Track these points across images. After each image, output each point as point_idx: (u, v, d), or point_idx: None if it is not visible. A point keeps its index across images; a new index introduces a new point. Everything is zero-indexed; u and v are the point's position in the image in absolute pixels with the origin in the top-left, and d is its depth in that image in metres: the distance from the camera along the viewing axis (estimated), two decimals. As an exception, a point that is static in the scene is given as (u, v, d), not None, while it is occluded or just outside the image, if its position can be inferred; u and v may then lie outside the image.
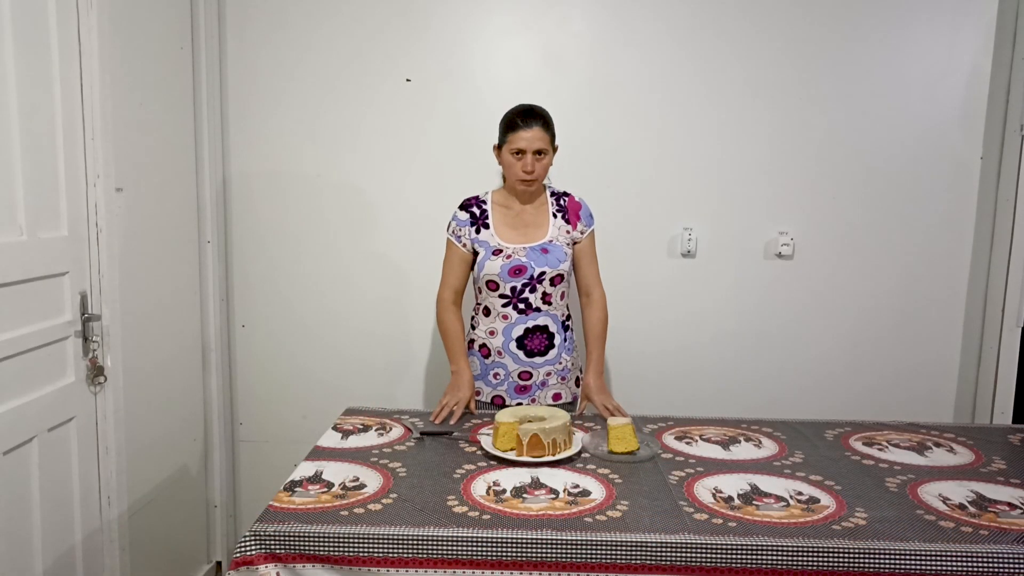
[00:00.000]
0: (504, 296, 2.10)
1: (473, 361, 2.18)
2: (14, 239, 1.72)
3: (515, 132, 2.02)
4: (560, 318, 2.15)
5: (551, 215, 2.14)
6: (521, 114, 2.04)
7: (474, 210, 2.14)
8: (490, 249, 2.09)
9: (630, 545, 1.35)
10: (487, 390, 2.17)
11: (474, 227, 2.12)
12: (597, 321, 2.18)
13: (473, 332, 2.19)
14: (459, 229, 2.13)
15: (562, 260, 2.10)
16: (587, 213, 2.18)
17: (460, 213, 2.14)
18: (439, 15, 2.60)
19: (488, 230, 2.11)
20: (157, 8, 2.28)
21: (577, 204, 2.17)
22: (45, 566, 1.84)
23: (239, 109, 2.66)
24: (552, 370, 2.16)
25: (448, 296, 2.15)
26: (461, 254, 2.13)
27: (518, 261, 2.08)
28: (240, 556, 1.38)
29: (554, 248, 2.10)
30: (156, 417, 2.31)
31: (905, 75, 2.58)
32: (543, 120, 2.04)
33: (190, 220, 2.53)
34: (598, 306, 2.18)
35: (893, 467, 1.74)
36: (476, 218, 2.12)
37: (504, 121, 2.08)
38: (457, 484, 1.59)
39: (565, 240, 2.13)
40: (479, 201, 2.15)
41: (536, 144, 2.02)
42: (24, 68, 1.72)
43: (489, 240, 2.10)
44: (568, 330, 2.19)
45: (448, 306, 2.15)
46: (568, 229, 2.14)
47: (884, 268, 2.68)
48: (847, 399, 2.73)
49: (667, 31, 2.58)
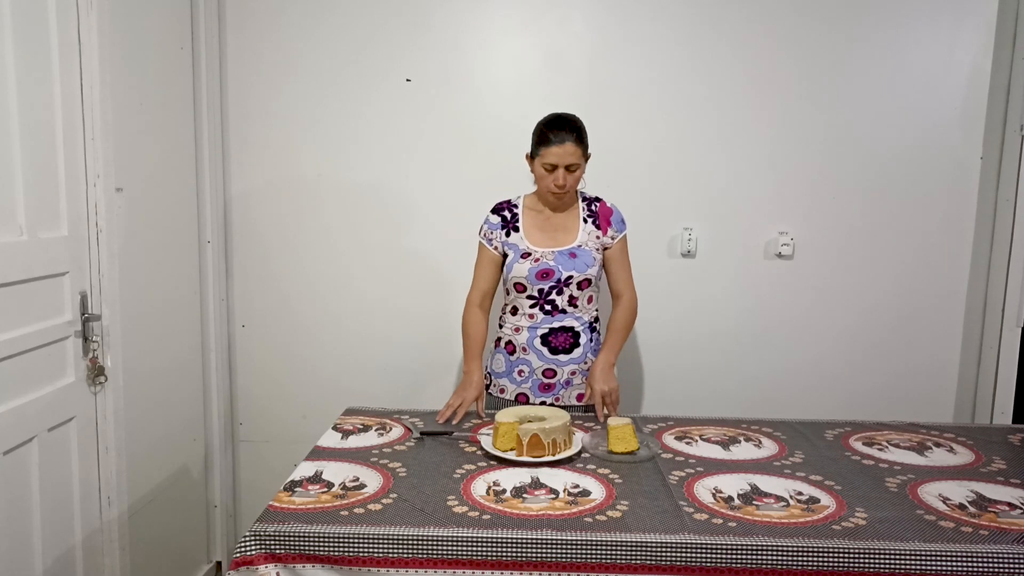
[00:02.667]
0: (532, 298, 2.12)
1: (499, 358, 2.20)
2: (14, 239, 1.72)
3: (547, 147, 2.01)
4: (587, 320, 2.16)
5: (582, 220, 2.14)
6: (554, 127, 2.02)
7: (505, 214, 2.15)
8: (519, 252, 2.10)
9: (630, 545, 1.35)
10: (511, 387, 2.18)
11: (504, 230, 2.14)
12: (620, 318, 2.17)
13: (500, 330, 2.21)
14: (490, 232, 2.15)
15: (590, 265, 2.10)
16: (619, 219, 2.17)
17: (492, 216, 2.16)
18: (439, 15, 2.60)
19: (518, 233, 2.13)
20: (157, 8, 2.28)
21: (608, 210, 2.17)
22: (45, 566, 1.84)
23: (239, 109, 2.66)
24: (577, 369, 2.16)
25: (476, 298, 2.17)
26: (491, 256, 2.15)
27: (546, 265, 2.08)
28: (240, 556, 1.38)
29: (582, 253, 2.11)
30: (156, 417, 2.31)
31: (905, 75, 2.58)
32: (575, 135, 2.02)
33: (190, 220, 2.53)
34: (626, 306, 2.17)
35: (893, 467, 1.74)
36: (507, 221, 2.14)
37: (536, 132, 2.06)
38: (457, 484, 1.59)
39: (595, 245, 2.13)
40: (511, 205, 2.17)
41: (567, 159, 2.01)
42: (24, 68, 1.72)
43: (518, 243, 2.12)
44: (595, 331, 2.19)
45: (473, 308, 2.16)
46: (599, 235, 2.14)
47: (884, 268, 2.68)
48: (847, 399, 2.73)
49: (667, 31, 2.58)
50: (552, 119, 2.05)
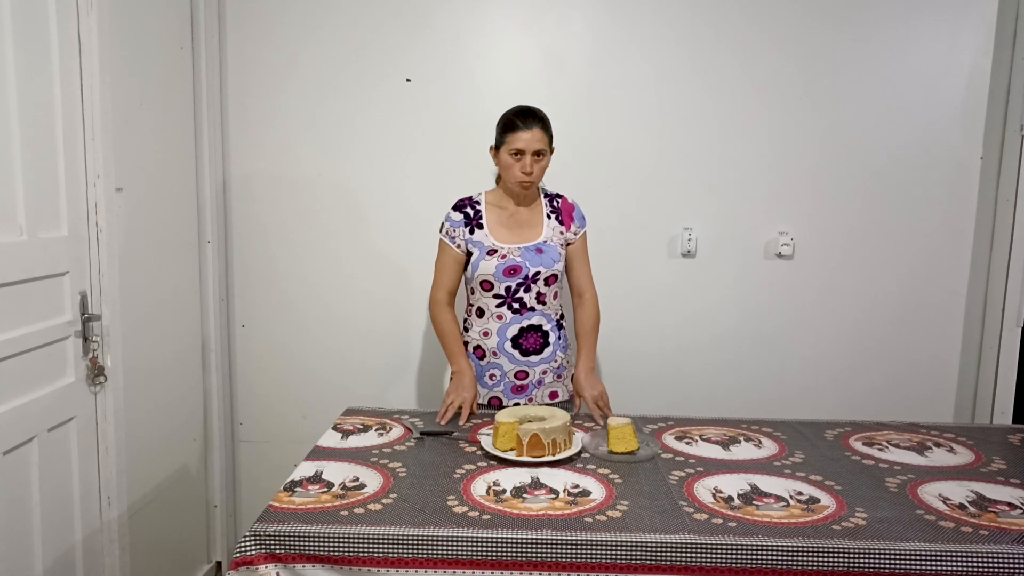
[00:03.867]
0: (499, 296, 2.11)
1: None
2: (14, 239, 1.72)
3: (514, 133, 2.02)
4: (554, 317, 2.16)
5: (545, 216, 2.14)
6: (520, 115, 2.04)
7: (468, 211, 2.13)
8: (484, 249, 2.09)
9: (630, 545, 1.35)
10: (483, 392, 2.17)
11: (468, 228, 2.12)
12: (588, 319, 2.18)
13: (467, 335, 2.19)
14: (452, 230, 2.12)
15: (556, 260, 2.10)
16: (580, 215, 2.18)
17: (453, 214, 2.14)
18: (439, 15, 2.60)
19: (482, 230, 2.11)
20: (157, 8, 2.28)
21: (570, 206, 2.18)
22: (45, 566, 1.84)
23: (239, 109, 2.66)
24: (548, 368, 2.16)
25: (442, 297, 2.14)
26: (454, 255, 2.13)
27: (513, 261, 2.08)
28: (240, 556, 1.38)
29: (548, 248, 2.10)
30: (156, 417, 2.31)
31: (905, 75, 2.58)
32: (542, 121, 2.04)
33: (190, 220, 2.53)
34: (590, 305, 2.19)
35: (893, 467, 1.74)
36: (470, 218, 2.12)
37: (502, 122, 2.08)
38: (457, 484, 1.59)
39: (559, 241, 2.13)
40: (472, 202, 2.15)
41: (535, 145, 2.02)
42: (24, 68, 1.72)
43: (483, 240, 2.10)
44: (562, 328, 2.19)
45: (442, 306, 2.14)
46: (562, 230, 2.14)
47: (884, 268, 2.68)
48: (847, 399, 2.73)
49: (667, 31, 2.58)
50: (518, 109, 2.07)
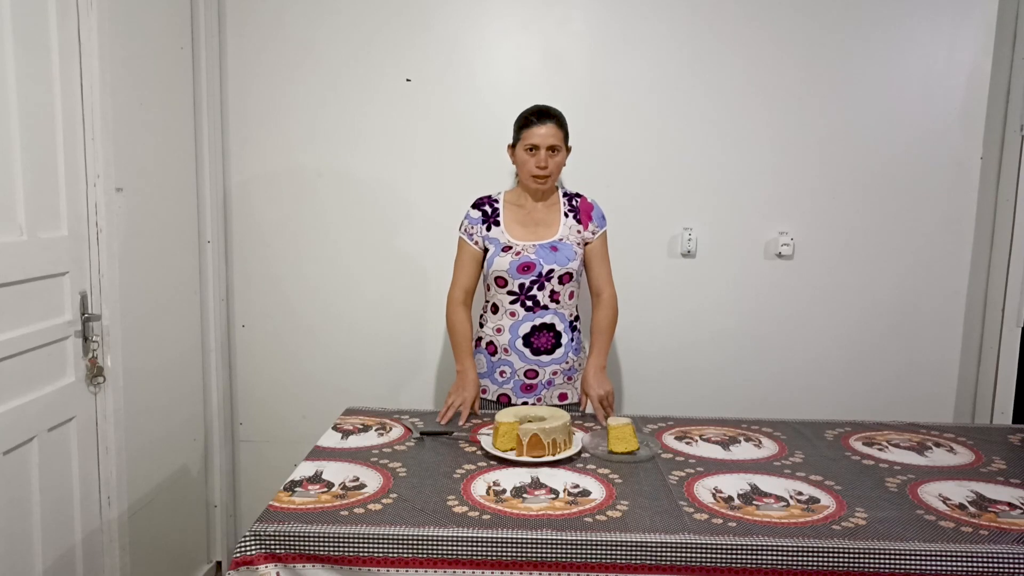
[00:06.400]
0: (512, 293, 2.11)
1: (480, 359, 2.18)
2: (14, 239, 1.72)
3: (529, 128, 2.07)
4: (568, 318, 2.15)
5: (563, 214, 2.15)
6: (535, 112, 2.09)
7: (486, 208, 2.15)
8: (500, 245, 2.10)
9: (630, 545, 1.35)
10: (493, 388, 2.17)
11: (485, 225, 2.14)
12: (604, 317, 2.18)
13: (481, 330, 2.21)
14: (471, 227, 2.14)
15: (571, 259, 2.10)
16: (599, 215, 2.19)
17: (472, 211, 2.16)
18: (439, 15, 2.60)
19: (499, 227, 2.13)
20: (157, 8, 2.28)
21: (589, 205, 2.18)
22: (45, 566, 1.84)
23: (239, 109, 2.66)
24: (558, 369, 2.16)
25: (458, 295, 2.16)
26: (472, 252, 2.14)
27: (527, 258, 2.08)
28: (240, 556, 1.38)
29: (564, 246, 2.11)
30: (156, 417, 2.31)
31: (905, 75, 2.58)
32: (556, 118, 2.08)
33: (190, 220, 2.53)
34: (607, 305, 2.19)
35: (893, 467, 1.74)
36: (488, 216, 2.14)
37: (518, 120, 2.12)
38: (457, 484, 1.59)
39: (576, 239, 2.13)
40: (491, 200, 2.17)
41: (550, 140, 2.05)
42: (24, 68, 1.72)
43: (499, 237, 2.11)
44: (575, 330, 2.19)
45: (457, 305, 2.15)
46: (579, 229, 2.15)
47: (884, 268, 2.68)
48: (847, 399, 2.73)
49: (667, 31, 2.58)
50: (534, 107, 2.12)
